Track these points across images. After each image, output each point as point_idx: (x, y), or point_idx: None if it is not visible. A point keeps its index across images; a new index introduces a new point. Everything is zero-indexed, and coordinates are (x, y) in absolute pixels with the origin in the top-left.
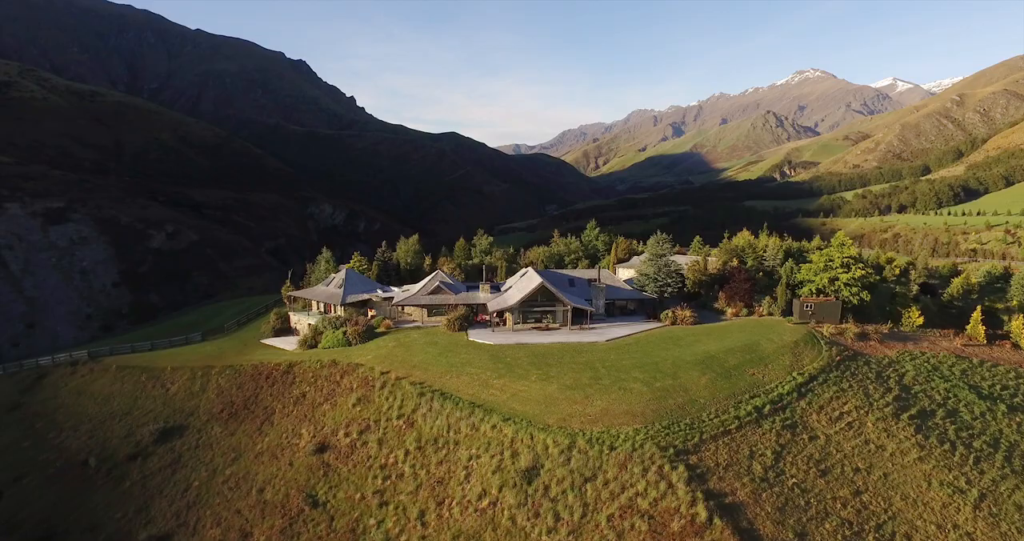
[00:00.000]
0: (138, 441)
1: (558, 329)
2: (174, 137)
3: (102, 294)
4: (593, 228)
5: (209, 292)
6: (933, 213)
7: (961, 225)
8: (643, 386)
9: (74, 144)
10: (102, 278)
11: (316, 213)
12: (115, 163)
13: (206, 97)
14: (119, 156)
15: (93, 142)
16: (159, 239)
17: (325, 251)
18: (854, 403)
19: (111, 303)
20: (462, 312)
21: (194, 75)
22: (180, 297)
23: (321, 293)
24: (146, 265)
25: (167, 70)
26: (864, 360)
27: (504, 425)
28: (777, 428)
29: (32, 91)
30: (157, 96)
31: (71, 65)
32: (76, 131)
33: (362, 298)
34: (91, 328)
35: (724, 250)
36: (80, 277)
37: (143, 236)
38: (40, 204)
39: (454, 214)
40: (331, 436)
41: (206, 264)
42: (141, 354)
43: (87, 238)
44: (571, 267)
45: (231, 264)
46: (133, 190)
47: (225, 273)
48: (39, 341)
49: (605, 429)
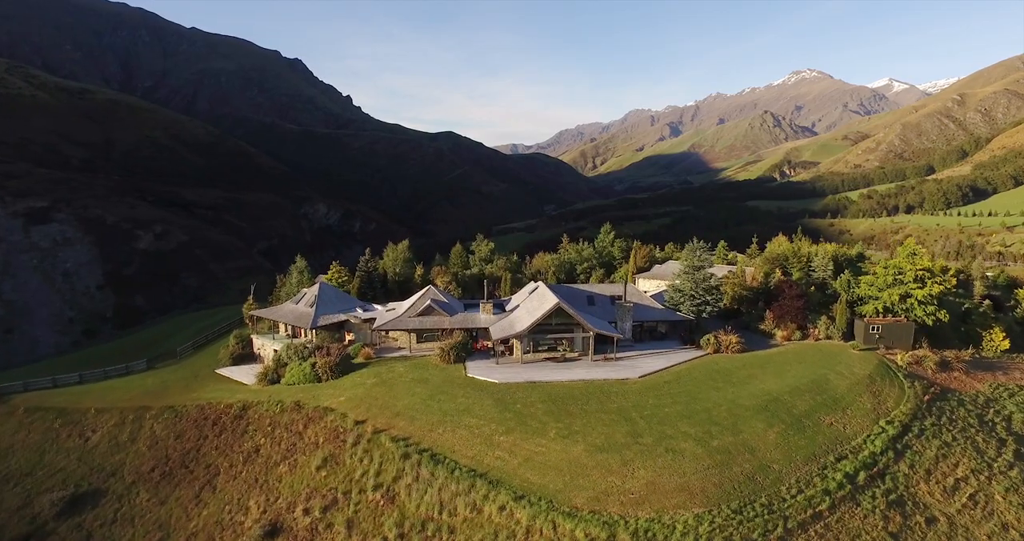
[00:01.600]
0: (35, 515)
1: (577, 360)
2: (166, 135)
3: (85, 297)
4: (608, 232)
5: (199, 295)
6: (943, 213)
7: (976, 226)
8: (697, 446)
9: (63, 142)
10: (86, 280)
11: (310, 213)
12: (104, 161)
13: (201, 96)
14: (109, 154)
15: (83, 140)
16: (147, 240)
17: (299, 260)
18: (968, 465)
19: (95, 306)
20: (459, 339)
21: (189, 73)
22: (168, 299)
23: (289, 313)
24: (132, 267)
25: (162, 68)
26: (956, 399)
27: (516, 506)
28: (881, 507)
29: (20, 88)
30: (152, 94)
31: (64, 63)
32: (65, 129)
33: (337, 319)
34: (73, 333)
35: (765, 259)
36: (63, 279)
37: (130, 236)
38: (22, 203)
39: (452, 214)
40: (286, 513)
41: (196, 265)
42: (63, 390)
43: (71, 239)
44: (583, 277)
45: (222, 265)
46: (121, 189)
47: (216, 275)
48: (17, 347)
49: (655, 515)
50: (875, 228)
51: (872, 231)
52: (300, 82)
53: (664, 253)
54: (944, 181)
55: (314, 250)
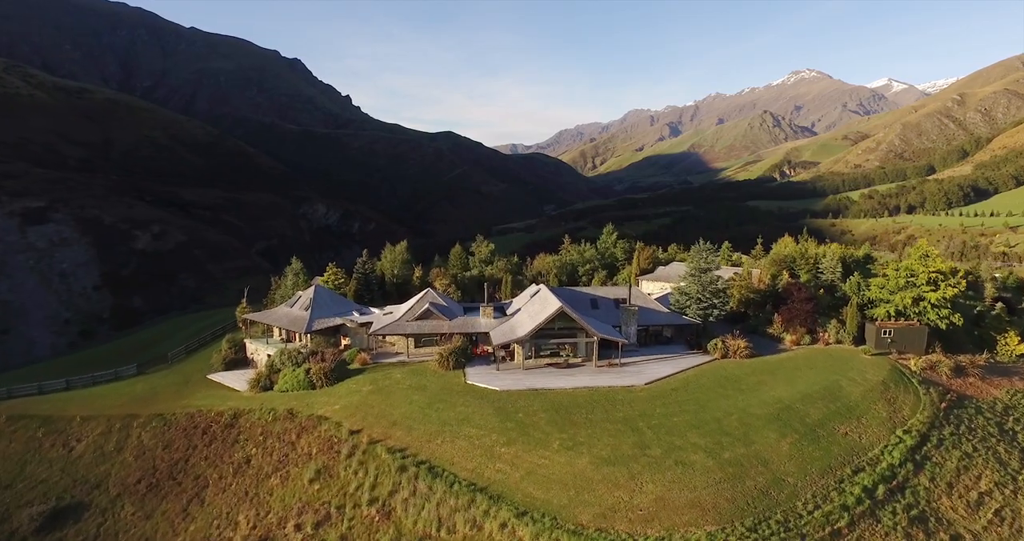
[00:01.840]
0: (13, 531)
1: (580, 365)
2: (165, 135)
3: (82, 298)
4: (611, 233)
5: (196, 295)
6: (944, 214)
7: (979, 226)
8: (707, 458)
9: (61, 141)
10: (83, 281)
11: (309, 213)
12: (103, 161)
13: (201, 95)
14: (107, 154)
15: (81, 140)
16: (144, 240)
17: (295, 261)
18: (991, 477)
19: (91, 307)
20: (458, 344)
21: (188, 73)
22: (165, 300)
23: (283, 316)
24: (130, 267)
25: (161, 68)
26: (974, 406)
27: (518, 524)
28: (903, 524)
29: (18, 87)
30: (151, 94)
31: (63, 63)
32: (64, 128)
33: (333, 323)
34: (69, 334)
35: (771, 260)
36: (59, 280)
37: (127, 237)
38: (19, 203)
39: (452, 214)
40: (277, 528)
41: (194, 266)
42: (48, 397)
43: (68, 239)
44: (586, 279)
45: (220, 266)
46: (119, 189)
47: (214, 275)
48: (13, 348)
49: (665, 534)
50: (877, 228)
51: (874, 231)
52: (299, 82)
53: (667, 254)
54: (945, 181)
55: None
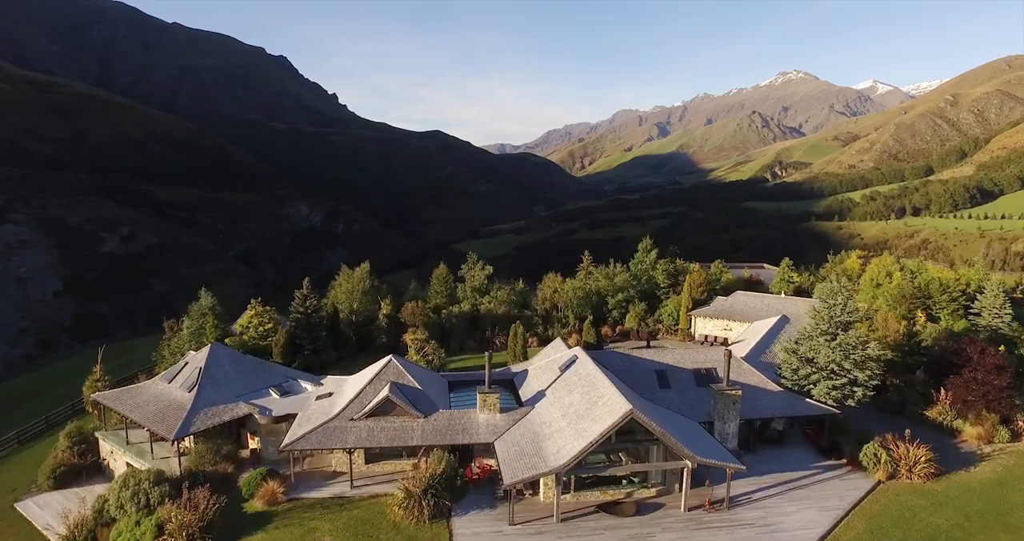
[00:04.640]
0: None
1: (655, 506)
2: (140, 131)
3: (41, 305)
4: (647, 250)
5: (167, 301)
6: (952, 216)
7: (997, 229)
8: None
9: (27, 138)
10: (42, 286)
11: (291, 214)
12: (72, 158)
13: (184, 92)
14: (76, 151)
15: (50, 136)
16: (112, 242)
17: (204, 295)
18: None
19: (51, 315)
20: (437, 468)
21: (171, 69)
22: (133, 306)
23: (150, 401)
24: (95, 272)
25: (142, 64)
26: None
27: None
28: None
29: None
30: (131, 90)
31: (39, 57)
32: (31, 124)
33: (232, 415)
34: (25, 344)
35: (897, 296)
36: (15, 285)
37: (94, 239)
38: None
39: (439, 215)
40: None
41: (165, 270)
42: None
43: (27, 241)
44: (617, 314)
45: (194, 270)
46: (88, 188)
47: (187, 280)
48: None
49: None
50: (887, 231)
51: (884, 235)
52: (286, 80)
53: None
54: (950, 182)
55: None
